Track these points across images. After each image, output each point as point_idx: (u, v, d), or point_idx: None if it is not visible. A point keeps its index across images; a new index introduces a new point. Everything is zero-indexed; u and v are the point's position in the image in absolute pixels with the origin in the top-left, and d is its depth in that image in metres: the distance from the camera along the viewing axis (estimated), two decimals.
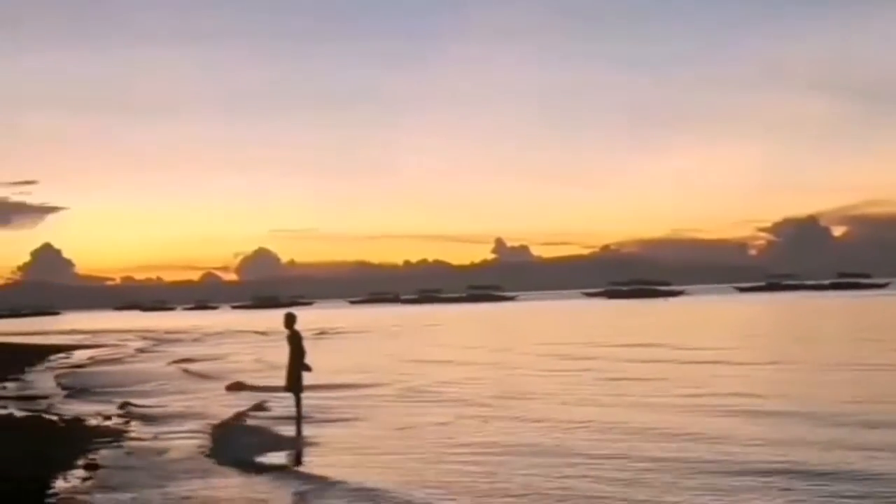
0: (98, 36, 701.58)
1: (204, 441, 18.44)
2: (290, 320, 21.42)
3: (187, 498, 13.37)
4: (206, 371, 36.80)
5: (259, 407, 23.48)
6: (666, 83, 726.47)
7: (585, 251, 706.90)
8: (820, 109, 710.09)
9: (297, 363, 21.12)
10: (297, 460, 16.85)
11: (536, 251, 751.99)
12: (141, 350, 56.68)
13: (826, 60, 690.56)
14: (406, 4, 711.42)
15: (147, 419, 22.15)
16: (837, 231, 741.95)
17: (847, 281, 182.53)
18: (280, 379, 21.25)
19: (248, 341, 62.47)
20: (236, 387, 26.58)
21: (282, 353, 21.74)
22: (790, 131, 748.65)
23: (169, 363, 42.25)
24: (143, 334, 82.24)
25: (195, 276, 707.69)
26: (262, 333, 70.06)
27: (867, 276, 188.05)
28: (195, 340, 67.55)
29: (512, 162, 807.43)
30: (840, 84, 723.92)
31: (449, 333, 66.75)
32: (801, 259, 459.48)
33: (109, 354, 52.94)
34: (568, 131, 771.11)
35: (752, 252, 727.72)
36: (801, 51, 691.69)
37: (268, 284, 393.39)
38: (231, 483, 14.51)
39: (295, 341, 21.29)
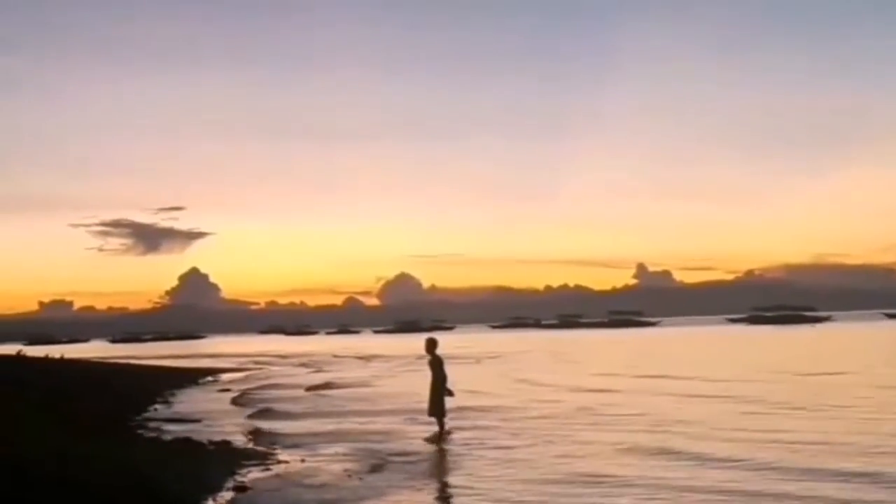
0: (251, 63, 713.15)
1: (353, 465, 18.47)
2: (431, 345, 21.45)
3: None
4: (351, 395, 37.17)
5: (404, 432, 23.54)
6: (812, 104, 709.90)
7: (728, 276, 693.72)
8: None
9: (440, 388, 21.15)
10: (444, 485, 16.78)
11: (678, 276, 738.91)
12: (285, 373, 57.54)
13: None
14: (565, 30, 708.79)
15: (295, 442, 22.28)
16: None
17: None
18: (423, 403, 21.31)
19: (389, 365, 62.82)
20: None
21: (424, 378, 21.81)
22: None
23: (313, 386, 42.72)
24: (287, 358, 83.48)
25: (338, 300, 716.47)
26: (403, 357, 70.61)
27: None
28: (339, 364, 68.29)
29: (655, 185, 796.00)
30: None
31: (605, 359, 66.04)
32: None
33: (256, 377, 53.79)
34: (712, 153, 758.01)
35: None
36: None
37: (409, 309, 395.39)
38: None
39: (436, 366, 21.32)
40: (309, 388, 41.81)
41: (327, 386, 43.13)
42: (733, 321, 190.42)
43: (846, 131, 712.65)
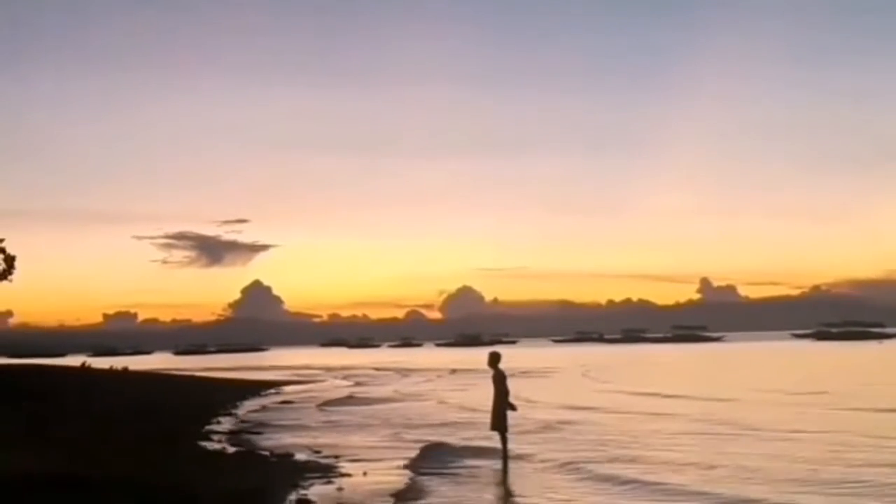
0: (315, 77, 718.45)
1: (415, 479, 18.40)
2: (494, 359, 21.29)
3: None
4: (411, 409, 37.20)
5: (460, 446, 23.49)
6: (879, 119, 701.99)
7: (794, 291, 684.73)
8: None
9: (502, 402, 21.01)
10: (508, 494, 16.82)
11: (743, 291, 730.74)
12: (347, 386, 57.73)
13: None
14: (630, 49, 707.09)
15: (357, 455, 22.24)
16: None
17: None
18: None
19: (454, 379, 62.88)
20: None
21: (486, 393, 21.70)
22: None
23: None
24: (349, 371, 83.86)
25: (400, 313, 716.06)
26: (469, 371, 70.81)
27: None
28: (402, 377, 68.46)
29: (719, 200, 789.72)
30: None
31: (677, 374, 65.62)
32: None
33: (319, 390, 53.95)
34: (777, 169, 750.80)
35: None
36: None
37: (471, 322, 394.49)
38: None
39: (499, 380, 21.18)
40: (377, 401, 42.03)
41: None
42: (799, 336, 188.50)
43: None
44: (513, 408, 21.07)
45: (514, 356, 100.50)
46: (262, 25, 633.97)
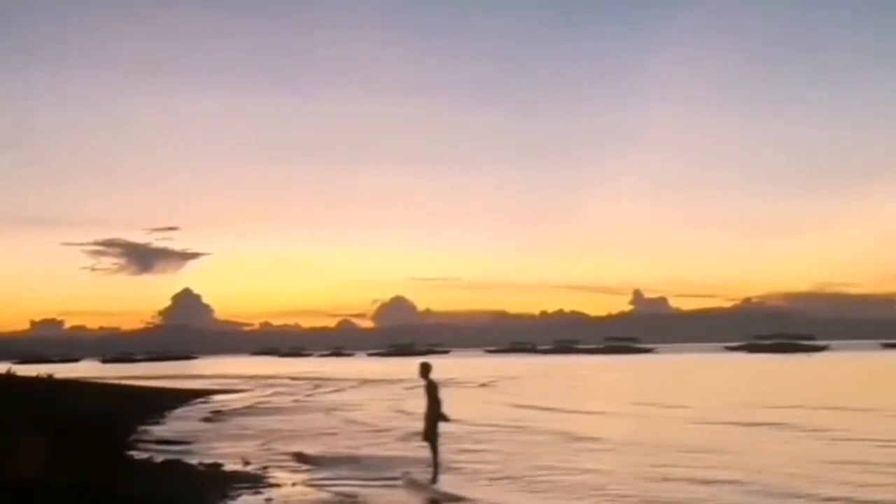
0: (248, 85, 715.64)
1: (348, 489, 18.18)
2: (425, 370, 21.11)
3: None
4: (341, 419, 36.97)
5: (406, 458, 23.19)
6: (815, 139, 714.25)
7: (726, 304, 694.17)
8: None
9: (434, 413, 20.79)
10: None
11: (675, 303, 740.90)
12: (277, 395, 57.21)
13: None
14: (587, 54, 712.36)
15: (286, 465, 22.09)
16: None
17: None
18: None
19: (382, 389, 62.50)
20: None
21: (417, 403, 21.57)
22: None
23: (319, 411, 42.49)
24: (282, 380, 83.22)
25: (332, 322, 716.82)
26: (398, 381, 70.44)
27: None
28: (315, 387, 67.80)
29: (652, 212, 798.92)
30: None
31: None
32: None
33: (246, 400, 53.39)
34: (712, 182, 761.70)
35: None
36: None
37: (404, 332, 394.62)
38: None
39: (431, 391, 20.98)
40: (309, 412, 41.71)
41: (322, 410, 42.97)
42: (730, 349, 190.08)
43: (849, 165, 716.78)
44: (445, 418, 20.82)
45: (441, 367, 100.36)
46: (197, 31, 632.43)
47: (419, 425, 20.88)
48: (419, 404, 21.07)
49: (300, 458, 23.58)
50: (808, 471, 19.78)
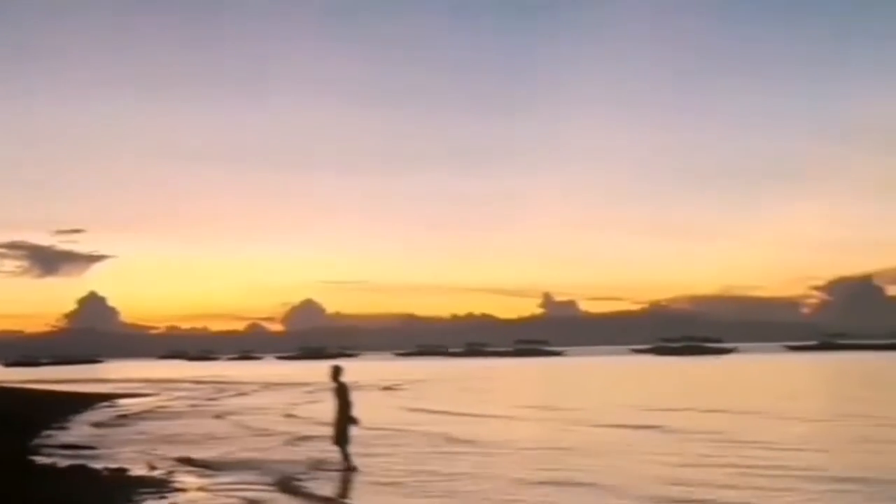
0: (159, 85, 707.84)
1: (253, 493, 18.09)
2: (336, 373, 21.08)
3: None
4: (256, 423, 36.54)
5: (308, 460, 23.04)
6: (724, 145, 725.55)
7: (635, 307, 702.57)
8: (878, 167, 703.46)
9: (344, 416, 20.73)
10: None
11: (584, 306, 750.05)
12: (189, 400, 56.58)
13: (886, 118, 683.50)
14: (503, 65, 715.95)
15: (191, 469, 21.85)
16: (892, 290, 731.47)
17: None
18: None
19: (294, 392, 62.13)
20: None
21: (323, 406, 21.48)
22: (845, 189, 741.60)
23: (218, 415, 42.00)
24: (189, 384, 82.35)
25: (241, 325, 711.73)
26: (301, 385, 70.24)
27: None
28: (218, 391, 67.14)
29: (562, 216, 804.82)
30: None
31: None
32: (854, 318, 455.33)
33: (152, 404, 52.71)
34: (622, 186, 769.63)
35: (805, 311, 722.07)
36: (856, 108, 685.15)
37: (313, 335, 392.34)
38: None
39: (342, 394, 20.92)
40: (211, 416, 41.22)
41: (224, 414, 42.58)
42: (638, 351, 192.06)
43: (754, 171, 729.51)
44: (354, 421, 20.77)
45: (349, 370, 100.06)
46: (106, 32, 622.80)
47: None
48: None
49: (186, 462, 23.30)
50: (670, 473, 19.95)
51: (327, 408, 20.57)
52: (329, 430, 21.14)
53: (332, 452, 21.19)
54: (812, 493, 17.24)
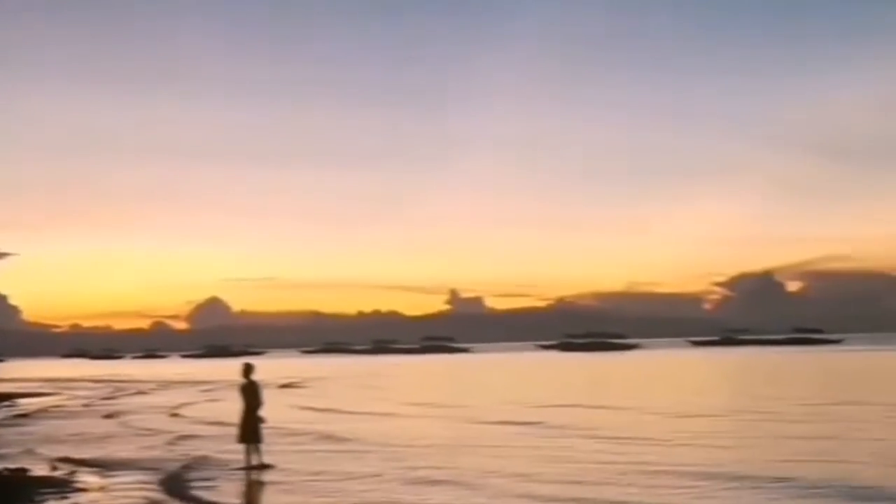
0: (66, 76, 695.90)
1: (152, 493, 17.90)
2: (247, 370, 20.94)
3: None
4: (148, 422, 36.01)
5: (206, 459, 22.81)
6: (628, 141, 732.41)
7: (541, 303, 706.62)
8: (779, 165, 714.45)
9: (254, 414, 20.57)
10: None
11: (490, 303, 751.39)
12: (85, 399, 55.74)
13: (788, 117, 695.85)
14: (408, 58, 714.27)
15: (93, 469, 21.52)
16: (793, 286, 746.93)
17: (802, 336, 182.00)
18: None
19: (191, 391, 61.61)
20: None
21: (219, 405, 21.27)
22: (747, 187, 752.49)
23: (110, 414, 41.31)
24: (89, 383, 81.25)
25: (145, 324, 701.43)
26: (201, 383, 69.85)
27: (820, 331, 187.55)
28: (138, 391, 66.31)
29: (468, 212, 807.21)
30: (801, 141, 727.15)
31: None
32: (756, 314, 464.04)
33: (53, 403, 51.86)
34: (527, 182, 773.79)
35: (708, 306, 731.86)
36: (763, 106, 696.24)
37: (219, 333, 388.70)
38: None
39: (252, 392, 20.76)
40: (108, 416, 40.61)
41: (125, 413, 41.94)
42: (544, 347, 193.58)
43: (660, 167, 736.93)
44: (262, 420, 20.62)
45: (270, 368, 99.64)
46: (21, 20, 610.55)
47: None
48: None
49: (66, 462, 22.95)
50: (536, 469, 20.11)
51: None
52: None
53: (228, 452, 21.03)
54: (691, 489, 17.29)
